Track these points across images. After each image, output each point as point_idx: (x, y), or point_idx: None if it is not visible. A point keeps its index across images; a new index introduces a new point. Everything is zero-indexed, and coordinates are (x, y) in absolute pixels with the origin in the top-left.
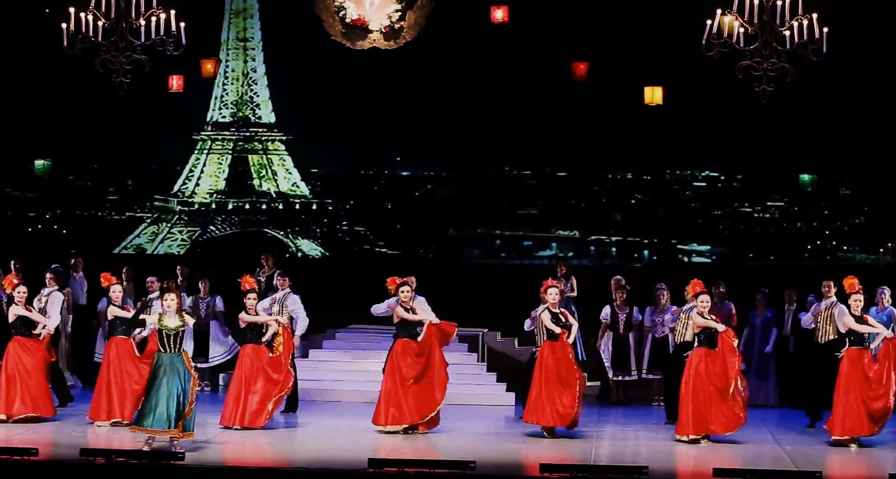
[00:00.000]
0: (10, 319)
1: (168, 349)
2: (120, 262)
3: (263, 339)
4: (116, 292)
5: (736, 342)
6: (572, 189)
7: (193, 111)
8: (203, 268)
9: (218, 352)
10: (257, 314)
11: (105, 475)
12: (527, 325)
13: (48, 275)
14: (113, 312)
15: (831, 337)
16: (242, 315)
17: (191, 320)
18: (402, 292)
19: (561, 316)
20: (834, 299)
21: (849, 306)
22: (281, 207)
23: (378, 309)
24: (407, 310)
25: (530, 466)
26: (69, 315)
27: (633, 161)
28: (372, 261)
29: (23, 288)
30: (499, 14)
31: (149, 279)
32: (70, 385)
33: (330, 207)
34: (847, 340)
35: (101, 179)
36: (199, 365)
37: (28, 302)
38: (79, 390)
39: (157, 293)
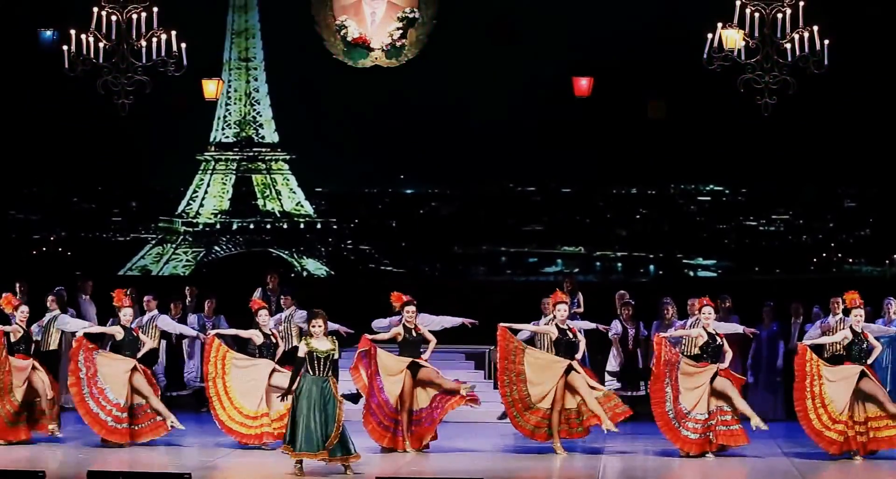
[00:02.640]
0: (13, 338)
1: (317, 373)
2: (125, 284)
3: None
4: (126, 314)
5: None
6: (576, 205)
7: (196, 132)
8: (209, 288)
9: None
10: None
11: None
12: (524, 335)
13: (50, 298)
14: (114, 330)
15: (842, 353)
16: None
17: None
18: (407, 311)
19: (569, 333)
20: (841, 315)
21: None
22: (285, 226)
23: (380, 324)
24: (409, 331)
25: None
26: (73, 338)
27: (637, 176)
28: (377, 279)
29: (24, 307)
30: (501, 32)
31: (146, 298)
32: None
33: (334, 226)
34: (850, 354)
35: (104, 200)
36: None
37: (29, 325)
38: None
39: (155, 312)
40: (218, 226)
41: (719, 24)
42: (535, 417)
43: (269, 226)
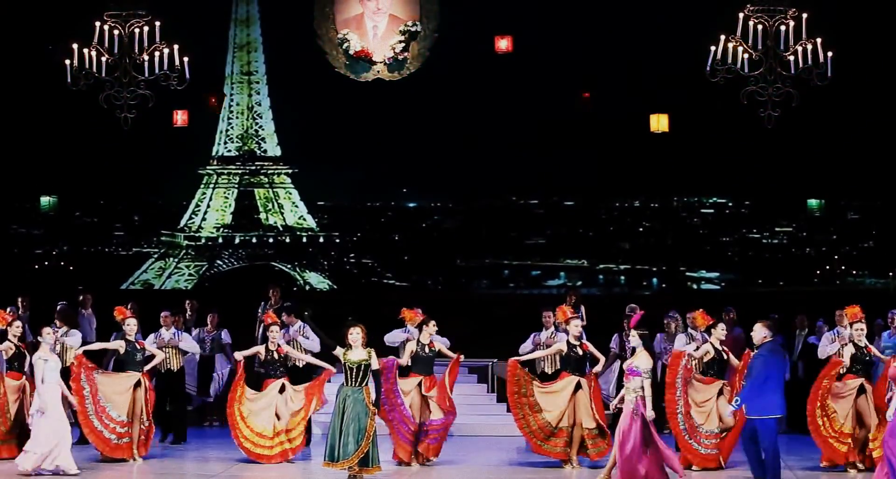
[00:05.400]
0: (6, 355)
1: (351, 383)
2: (127, 298)
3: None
4: (131, 325)
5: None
6: (580, 218)
7: (198, 146)
8: (211, 302)
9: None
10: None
11: None
12: (527, 347)
13: (57, 321)
14: (117, 344)
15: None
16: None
17: (374, 356)
18: (431, 325)
19: (580, 349)
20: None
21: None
22: (288, 240)
23: (393, 339)
24: (423, 347)
25: None
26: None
27: (640, 189)
28: (380, 293)
29: (18, 323)
30: (503, 44)
31: (163, 314)
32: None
33: (337, 240)
34: (854, 368)
35: (107, 214)
36: (207, 399)
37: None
38: None
39: (173, 329)
40: (220, 240)
41: (722, 37)
42: (560, 439)
43: (271, 240)
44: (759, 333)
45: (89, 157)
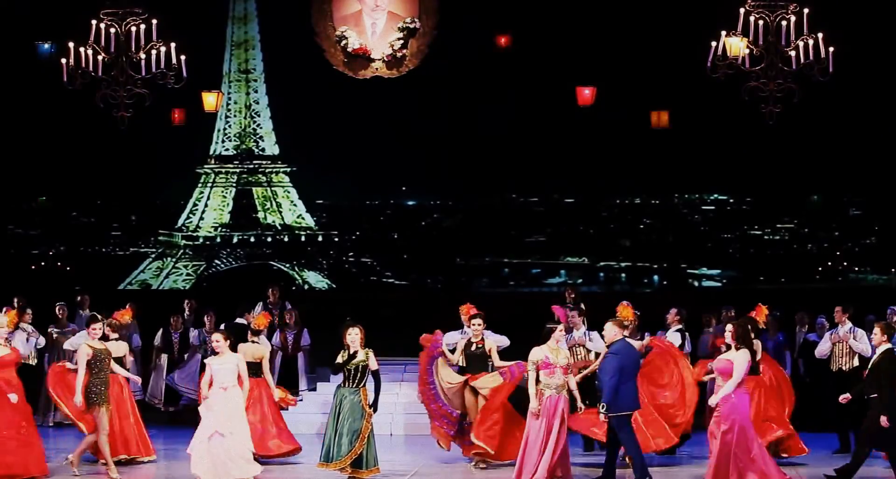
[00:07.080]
0: None
1: (348, 384)
2: (125, 298)
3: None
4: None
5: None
6: (580, 215)
7: (196, 144)
8: (209, 302)
9: None
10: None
11: None
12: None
13: (59, 311)
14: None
15: (855, 364)
16: None
17: (373, 359)
18: (474, 325)
19: None
20: (850, 324)
21: None
22: (286, 239)
23: (450, 341)
24: (470, 343)
25: None
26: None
27: (641, 186)
28: (379, 292)
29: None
30: (503, 41)
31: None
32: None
33: (336, 239)
34: None
35: (104, 214)
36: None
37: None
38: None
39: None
40: (218, 239)
41: (723, 32)
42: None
43: (269, 239)
44: (611, 331)
45: (86, 156)
